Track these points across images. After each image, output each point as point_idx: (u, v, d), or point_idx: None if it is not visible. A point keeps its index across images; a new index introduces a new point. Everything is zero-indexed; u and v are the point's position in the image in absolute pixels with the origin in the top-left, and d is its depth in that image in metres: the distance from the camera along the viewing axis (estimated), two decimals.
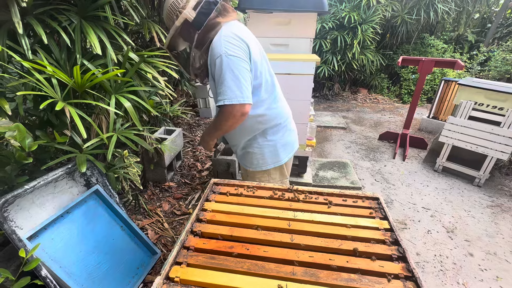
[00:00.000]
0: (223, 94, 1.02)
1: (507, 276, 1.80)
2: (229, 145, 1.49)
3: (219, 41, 1.00)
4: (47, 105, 1.37)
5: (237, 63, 0.98)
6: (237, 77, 0.98)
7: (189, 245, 0.70)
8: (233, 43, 1.00)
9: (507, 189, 2.75)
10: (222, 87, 1.01)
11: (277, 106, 1.24)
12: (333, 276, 0.62)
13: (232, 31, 1.03)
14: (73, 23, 1.39)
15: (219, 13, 1.06)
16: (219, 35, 1.02)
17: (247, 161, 1.35)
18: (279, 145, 1.26)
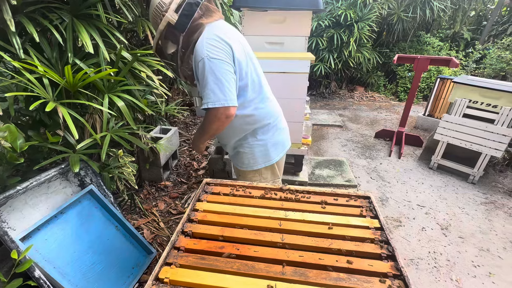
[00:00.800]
0: (206, 98, 1.01)
1: (499, 272, 1.82)
2: (221, 144, 1.49)
3: (201, 43, 1.00)
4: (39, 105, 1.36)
5: (220, 66, 0.97)
6: (220, 80, 0.97)
7: (179, 246, 0.70)
8: (215, 45, 0.99)
9: (501, 186, 2.77)
10: (205, 90, 1.01)
11: (265, 106, 1.23)
12: (322, 276, 0.63)
13: (215, 32, 1.02)
14: (65, 21, 1.38)
15: (202, 14, 1.05)
16: (202, 37, 1.01)
17: (238, 160, 1.35)
18: (269, 145, 1.26)
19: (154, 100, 2.16)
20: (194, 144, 1.29)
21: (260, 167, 1.27)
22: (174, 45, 1.19)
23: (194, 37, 1.04)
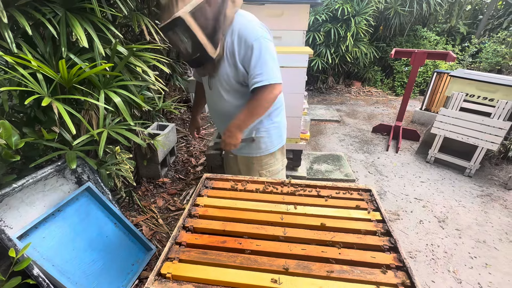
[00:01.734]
0: (264, 75, 1.04)
1: (495, 263, 1.85)
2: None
3: (252, 26, 1.03)
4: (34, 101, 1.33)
5: (272, 47, 1.07)
6: (274, 60, 1.06)
7: (181, 241, 0.69)
8: (263, 28, 1.06)
9: (497, 178, 2.81)
10: (263, 68, 1.04)
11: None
12: (325, 268, 0.63)
13: (254, 18, 1.08)
14: (58, 15, 1.34)
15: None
16: (244, 20, 1.04)
17: (253, 148, 1.34)
18: (282, 126, 1.33)
19: (151, 96, 2.13)
20: (231, 134, 1.14)
21: (276, 149, 1.30)
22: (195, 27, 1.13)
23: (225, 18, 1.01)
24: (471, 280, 1.72)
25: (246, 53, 1.04)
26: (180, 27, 0.93)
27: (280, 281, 0.59)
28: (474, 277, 1.74)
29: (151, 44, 1.81)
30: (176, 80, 3.14)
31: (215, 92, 1.19)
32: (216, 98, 1.22)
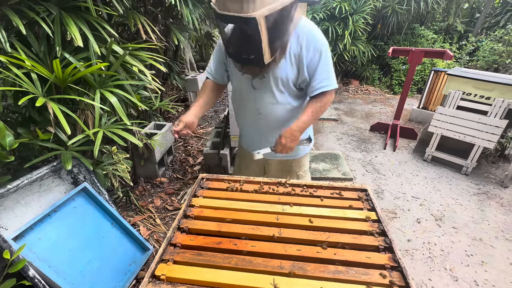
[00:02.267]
0: (330, 80, 1.09)
1: (491, 261, 1.86)
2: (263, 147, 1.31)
3: (318, 32, 1.07)
4: (29, 101, 1.32)
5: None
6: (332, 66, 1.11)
7: (176, 242, 0.69)
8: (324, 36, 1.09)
9: (493, 176, 2.82)
10: (329, 73, 1.09)
11: None
12: (320, 269, 0.63)
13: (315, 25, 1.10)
14: (52, 14, 1.33)
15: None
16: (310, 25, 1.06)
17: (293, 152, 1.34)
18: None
19: (148, 95, 2.12)
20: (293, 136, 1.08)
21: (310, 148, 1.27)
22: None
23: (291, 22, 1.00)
24: (467, 278, 1.73)
25: (314, 57, 1.05)
26: (249, 26, 0.88)
27: (275, 282, 0.59)
28: (470, 275, 1.75)
29: (147, 43, 1.79)
30: (173, 79, 3.13)
31: (264, 93, 1.14)
32: (264, 99, 1.16)
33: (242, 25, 0.89)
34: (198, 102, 1.23)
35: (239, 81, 1.21)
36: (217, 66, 1.24)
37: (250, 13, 0.83)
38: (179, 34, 2.46)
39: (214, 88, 1.29)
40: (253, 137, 1.34)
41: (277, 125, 1.23)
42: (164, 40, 2.24)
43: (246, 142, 1.40)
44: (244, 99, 1.23)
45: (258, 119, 1.23)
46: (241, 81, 1.19)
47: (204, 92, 1.27)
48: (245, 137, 1.40)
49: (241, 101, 1.26)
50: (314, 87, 1.09)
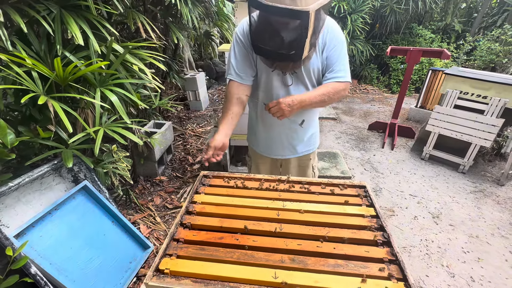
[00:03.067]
0: (346, 72, 1.10)
1: (487, 257, 1.89)
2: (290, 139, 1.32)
3: (339, 28, 1.09)
4: (29, 99, 1.32)
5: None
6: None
7: (179, 237, 0.70)
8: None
9: (490, 175, 2.85)
10: (346, 65, 1.10)
11: None
12: (320, 263, 0.64)
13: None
14: (53, 12, 1.33)
15: None
16: (334, 22, 1.09)
17: (311, 143, 1.36)
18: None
19: (148, 94, 2.13)
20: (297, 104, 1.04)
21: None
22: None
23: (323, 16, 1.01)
24: (463, 274, 1.76)
25: (336, 48, 1.07)
26: (300, 20, 0.84)
27: (277, 275, 0.61)
28: (467, 271, 1.78)
29: (147, 42, 1.80)
30: (173, 78, 3.13)
31: (297, 88, 1.13)
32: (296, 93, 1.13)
33: (292, 19, 0.85)
34: (226, 118, 1.07)
35: (268, 79, 1.14)
36: (242, 65, 1.12)
37: (304, 7, 0.80)
38: (178, 33, 2.46)
39: (241, 91, 1.13)
40: (278, 141, 1.29)
41: (305, 122, 1.23)
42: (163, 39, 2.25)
43: (268, 148, 1.34)
44: (274, 97, 1.15)
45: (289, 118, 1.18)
46: (271, 78, 1.13)
47: (230, 102, 1.11)
48: (268, 142, 1.33)
49: (269, 99, 1.17)
50: (329, 75, 1.10)
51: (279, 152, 1.33)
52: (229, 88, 1.13)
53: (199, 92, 4.06)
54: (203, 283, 0.59)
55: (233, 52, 1.13)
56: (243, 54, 1.11)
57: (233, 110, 1.08)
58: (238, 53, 1.12)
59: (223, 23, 3.37)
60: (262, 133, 1.33)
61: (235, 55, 1.12)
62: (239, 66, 1.12)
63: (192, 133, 3.49)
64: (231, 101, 1.10)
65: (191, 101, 4.16)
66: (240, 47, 1.11)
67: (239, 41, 1.11)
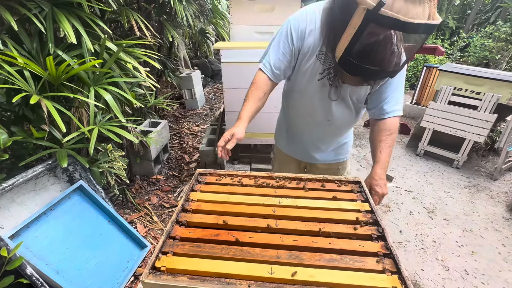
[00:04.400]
0: (401, 104, 1.02)
1: (481, 251, 1.92)
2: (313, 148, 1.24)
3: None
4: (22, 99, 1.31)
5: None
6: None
7: (175, 235, 0.70)
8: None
9: (483, 170, 2.90)
10: (402, 96, 1.02)
11: None
12: (316, 258, 0.65)
13: None
14: (44, 10, 1.32)
15: None
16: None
17: (341, 153, 1.28)
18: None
19: (143, 92, 2.12)
20: (384, 176, 0.99)
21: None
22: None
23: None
24: (458, 268, 1.79)
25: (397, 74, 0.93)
26: (426, 34, 0.75)
27: (273, 270, 0.61)
28: (461, 265, 1.81)
29: (141, 40, 1.79)
30: (168, 76, 3.11)
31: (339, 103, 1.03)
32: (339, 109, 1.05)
33: (425, 33, 0.74)
34: (250, 109, 0.98)
35: (309, 87, 1.02)
36: (281, 62, 1.00)
37: (439, 19, 0.71)
38: (173, 30, 2.45)
39: (269, 88, 1.03)
40: (306, 146, 1.23)
41: (339, 133, 1.18)
42: (158, 37, 2.23)
43: (294, 149, 1.29)
44: (314, 108, 1.07)
45: (324, 128, 1.12)
46: (313, 88, 1.01)
47: (258, 96, 1.00)
48: (295, 145, 1.27)
49: (309, 109, 1.09)
50: (387, 109, 1.01)
51: (304, 155, 1.26)
52: (260, 79, 1.02)
53: (195, 90, 4.04)
54: (199, 280, 0.60)
55: (277, 43, 0.99)
56: (288, 51, 0.98)
57: (258, 105, 1.00)
58: (283, 48, 0.98)
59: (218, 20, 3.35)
60: (290, 134, 1.27)
61: (279, 48, 0.99)
62: (277, 62, 1.00)
63: (188, 131, 3.48)
64: (259, 95, 1.00)
65: (187, 99, 4.14)
66: (288, 42, 0.97)
67: (289, 35, 0.96)
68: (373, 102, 1.04)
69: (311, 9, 0.96)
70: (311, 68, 0.98)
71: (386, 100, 1.01)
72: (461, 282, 1.69)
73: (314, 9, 0.95)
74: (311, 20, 0.94)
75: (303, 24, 0.95)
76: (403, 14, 0.67)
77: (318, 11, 0.93)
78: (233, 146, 0.90)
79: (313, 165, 1.28)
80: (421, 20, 0.68)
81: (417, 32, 0.72)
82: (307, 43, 0.95)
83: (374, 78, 0.90)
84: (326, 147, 1.22)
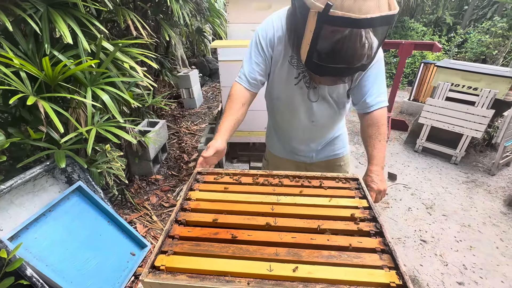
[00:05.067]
0: (385, 94, 1.01)
1: (479, 245, 1.94)
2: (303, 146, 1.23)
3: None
4: (19, 100, 1.30)
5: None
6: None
7: (174, 234, 0.70)
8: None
9: (481, 165, 2.91)
10: (385, 87, 1.00)
11: None
12: (314, 254, 0.65)
13: None
14: (39, 10, 1.31)
15: None
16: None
17: (338, 145, 1.26)
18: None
19: (140, 92, 2.11)
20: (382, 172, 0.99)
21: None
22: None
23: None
24: (456, 262, 1.80)
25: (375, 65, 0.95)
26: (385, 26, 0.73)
27: (272, 268, 0.62)
28: (459, 259, 1.83)
29: (138, 39, 1.78)
30: (165, 76, 3.10)
31: (320, 104, 1.04)
32: (321, 110, 1.06)
33: (385, 25, 0.72)
34: (228, 122, 0.99)
35: (287, 92, 1.04)
36: (255, 71, 1.01)
37: (394, 10, 0.69)
38: (169, 30, 2.44)
39: (247, 99, 1.04)
40: (298, 147, 1.23)
41: (327, 131, 1.18)
42: (154, 36, 2.22)
43: (288, 152, 1.27)
44: (296, 111, 1.08)
45: (310, 129, 1.13)
46: (291, 93, 1.03)
47: (235, 108, 1.01)
48: (288, 147, 1.26)
49: (291, 113, 1.10)
50: (370, 102, 1.00)
51: (299, 156, 1.25)
52: (236, 91, 1.03)
53: (192, 89, 4.03)
54: (198, 278, 0.60)
55: (249, 55, 1.01)
56: (260, 60, 1.00)
57: (237, 116, 1.00)
58: (255, 57, 1.00)
59: (215, 19, 3.34)
60: (280, 138, 1.25)
61: (251, 58, 1.00)
62: (252, 71, 1.01)
63: (186, 131, 3.48)
64: (236, 106, 1.01)
65: (185, 99, 4.13)
66: (258, 52, 0.99)
67: (259, 45, 0.98)
68: (355, 97, 1.04)
69: (277, 16, 0.97)
70: (285, 73, 1.00)
71: (368, 93, 1.00)
72: (460, 277, 1.70)
73: (280, 15, 0.96)
74: (277, 27, 0.95)
75: (271, 32, 0.96)
76: (356, 11, 0.66)
77: (283, 16, 0.94)
78: (210, 154, 0.93)
79: (312, 164, 1.28)
80: (375, 13, 0.66)
81: (374, 26, 0.71)
82: (277, 50, 0.97)
83: (343, 75, 0.90)
84: (317, 145, 1.22)
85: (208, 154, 0.93)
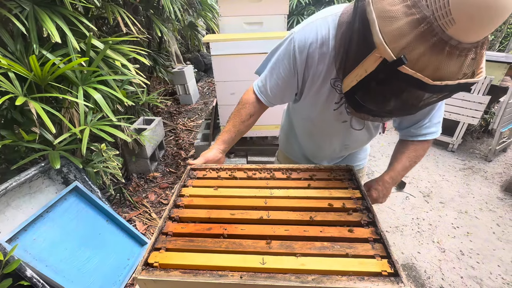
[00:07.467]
0: (439, 125, 0.87)
1: (476, 231, 1.96)
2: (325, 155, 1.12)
3: None
4: (10, 102, 1.29)
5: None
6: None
7: (167, 231, 0.71)
8: None
9: (478, 152, 2.92)
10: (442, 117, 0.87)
11: None
12: (307, 246, 0.66)
13: None
14: (25, 10, 1.29)
15: None
16: None
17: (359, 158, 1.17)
18: None
19: (134, 90, 2.09)
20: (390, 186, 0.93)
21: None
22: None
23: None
24: (453, 249, 1.82)
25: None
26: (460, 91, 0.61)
27: (264, 261, 0.62)
28: (457, 246, 1.85)
29: (128, 36, 1.75)
30: (159, 72, 3.07)
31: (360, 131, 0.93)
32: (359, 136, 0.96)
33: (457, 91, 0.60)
34: (228, 134, 0.93)
35: (324, 116, 0.89)
36: (279, 88, 0.87)
37: (482, 74, 0.59)
38: (161, 25, 2.40)
39: (258, 111, 0.94)
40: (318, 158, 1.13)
41: (356, 150, 1.12)
42: (146, 33, 2.19)
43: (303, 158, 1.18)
44: (328, 135, 0.97)
45: (340, 151, 1.04)
46: (328, 117, 0.88)
47: (241, 119, 0.92)
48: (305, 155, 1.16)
49: (322, 136, 1.00)
50: (419, 132, 0.88)
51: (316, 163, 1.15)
52: (248, 100, 0.92)
53: (188, 85, 4.00)
54: (192, 273, 0.60)
55: (276, 64, 0.85)
56: (289, 76, 0.83)
57: (240, 128, 0.93)
58: (282, 71, 0.83)
59: (207, 13, 3.29)
60: (301, 149, 1.16)
61: (278, 70, 0.84)
62: (275, 87, 0.87)
63: (183, 127, 3.47)
64: (243, 118, 0.92)
65: (181, 95, 4.10)
66: (290, 67, 0.81)
67: (292, 58, 0.79)
68: (401, 124, 0.92)
69: (324, 21, 0.73)
70: (325, 96, 0.82)
71: (419, 123, 0.86)
72: (457, 263, 1.73)
73: (329, 22, 0.72)
74: (323, 39, 0.73)
75: (313, 45, 0.74)
76: (431, 73, 0.52)
77: (333, 25, 0.71)
78: (197, 163, 0.95)
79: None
80: (453, 80, 0.53)
81: (445, 91, 0.57)
82: (318, 69, 0.77)
83: (386, 118, 0.80)
84: (340, 158, 1.15)
85: (194, 162, 0.94)
